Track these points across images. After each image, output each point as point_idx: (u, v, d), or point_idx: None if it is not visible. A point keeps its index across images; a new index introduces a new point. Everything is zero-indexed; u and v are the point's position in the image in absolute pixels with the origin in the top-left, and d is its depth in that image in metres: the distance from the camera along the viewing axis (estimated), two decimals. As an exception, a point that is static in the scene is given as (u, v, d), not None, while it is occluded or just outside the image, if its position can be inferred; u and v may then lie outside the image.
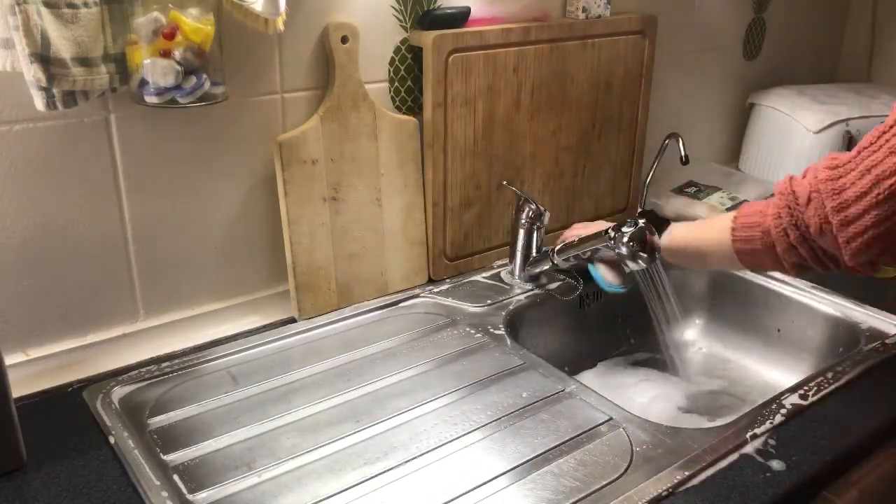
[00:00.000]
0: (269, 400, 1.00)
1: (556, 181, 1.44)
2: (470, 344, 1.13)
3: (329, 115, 1.15)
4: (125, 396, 1.00)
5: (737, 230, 1.02)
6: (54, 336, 1.06)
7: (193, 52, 0.93)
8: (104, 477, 0.86)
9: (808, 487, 0.89)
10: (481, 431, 0.94)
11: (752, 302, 1.38)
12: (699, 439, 0.93)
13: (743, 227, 1.02)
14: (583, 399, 1.00)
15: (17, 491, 0.84)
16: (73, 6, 0.86)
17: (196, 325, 1.16)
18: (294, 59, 1.14)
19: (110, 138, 1.03)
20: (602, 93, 1.44)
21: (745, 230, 1.02)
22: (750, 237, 1.01)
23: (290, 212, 1.14)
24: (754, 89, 1.84)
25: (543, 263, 1.30)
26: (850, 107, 1.64)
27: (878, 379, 1.08)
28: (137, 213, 1.07)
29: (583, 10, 1.38)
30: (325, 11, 1.14)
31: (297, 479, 0.86)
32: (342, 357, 1.10)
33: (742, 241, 1.02)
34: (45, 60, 0.84)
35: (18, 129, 0.96)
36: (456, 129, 1.26)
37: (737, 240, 1.02)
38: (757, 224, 1.00)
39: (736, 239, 1.02)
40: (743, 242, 1.02)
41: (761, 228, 1.00)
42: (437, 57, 1.20)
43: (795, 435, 0.95)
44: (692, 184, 1.68)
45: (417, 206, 1.27)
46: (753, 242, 1.01)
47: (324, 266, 1.19)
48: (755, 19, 1.83)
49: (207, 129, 1.10)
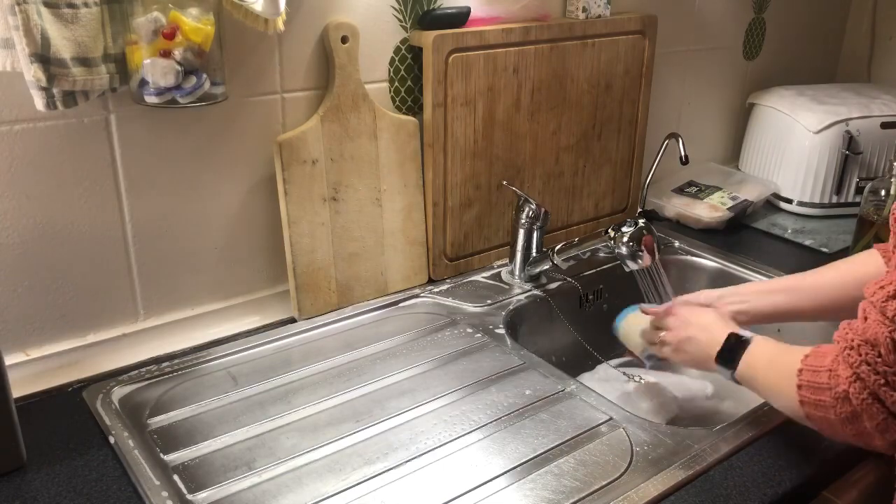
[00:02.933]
0: (269, 400, 1.00)
1: (556, 181, 1.44)
2: (470, 344, 1.13)
3: (329, 115, 1.15)
4: (125, 396, 1.00)
5: (802, 374, 0.80)
6: (54, 336, 1.06)
7: (193, 52, 0.93)
8: (104, 477, 0.86)
9: (808, 487, 0.89)
10: (481, 431, 0.94)
11: (752, 302, 1.38)
12: (699, 439, 0.93)
13: (812, 372, 0.79)
14: (583, 399, 1.00)
15: (17, 491, 0.84)
16: (73, 6, 0.86)
17: (196, 325, 1.16)
18: (294, 59, 1.14)
19: (110, 138, 1.03)
20: (602, 93, 1.45)
21: (812, 376, 0.79)
22: (820, 402, 0.78)
23: (290, 212, 1.14)
24: (754, 89, 1.84)
25: (543, 263, 1.30)
26: (850, 107, 1.64)
27: (878, 379, 1.07)
28: (137, 213, 1.07)
29: (583, 9, 1.38)
30: (325, 11, 1.14)
31: (297, 479, 0.86)
32: (342, 357, 1.10)
33: (813, 406, 0.79)
34: (45, 60, 0.84)
35: (18, 129, 0.96)
36: (456, 129, 1.26)
37: (805, 402, 0.80)
38: (826, 386, 0.77)
39: (804, 402, 0.80)
40: (814, 408, 0.79)
41: (833, 393, 0.76)
42: (437, 57, 1.20)
43: (795, 435, 0.94)
44: (692, 184, 1.68)
45: (417, 206, 1.27)
46: (821, 394, 0.77)
47: (324, 266, 1.19)
48: (755, 19, 1.83)
49: (207, 129, 1.10)
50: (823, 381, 0.77)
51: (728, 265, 1.41)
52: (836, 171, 1.63)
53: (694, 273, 1.42)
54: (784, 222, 1.65)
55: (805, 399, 0.79)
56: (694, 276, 1.43)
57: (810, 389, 0.78)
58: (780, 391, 0.84)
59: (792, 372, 0.81)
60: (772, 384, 0.87)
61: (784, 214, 1.70)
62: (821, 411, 0.78)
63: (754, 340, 0.92)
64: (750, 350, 0.91)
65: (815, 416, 0.79)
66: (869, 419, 0.73)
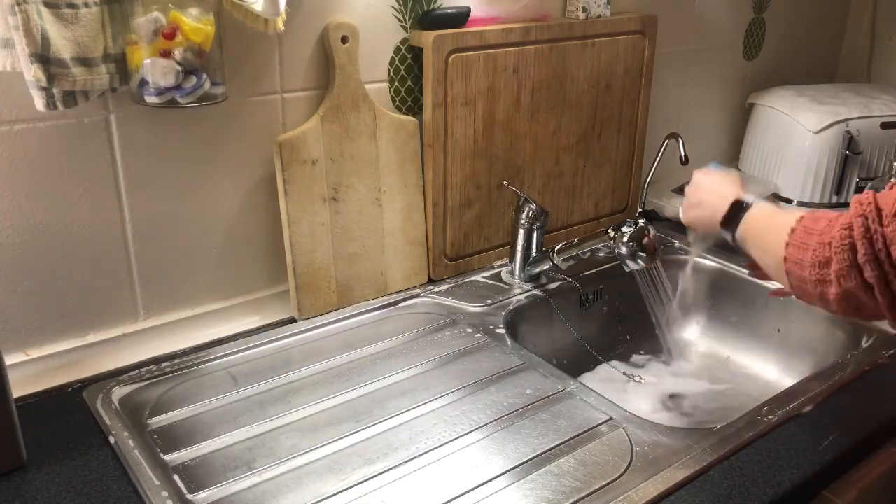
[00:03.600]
0: (269, 400, 1.00)
1: (556, 181, 1.44)
2: (470, 344, 1.13)
3: (329, 115, 1.15)
4: (125, 396, 1.00)
5: (795, 233, 0.83)
6: (54, 336, 1.06)
7: (193, 52, 0.93)
8: (104, 477, 0.86)
9: (808, 487, 0.89)
10: (481, 431, 0.94)
11: (752, 302, 1.38)
12: (699, 439, 0.93)
13: (803, 231, 0.82)
14: (583, 399, 1.00)
15: (17, 491, 0.84)
16: (73, 6, 0.86)
17: (196, 325, 1.16)
18: (294, 59, 1.14)
19: (110, 138, 1.03)
20: (602, 93, 1.44)
21: (803, 236, 0.82)
22: (804, 245, 0.81)
23: (290, 212, 1.14)
24: (754, 89, 1.84)
25: (543, 263, 1.30)
26: (850, 107, 1.64)
27: (878, 379, 1.08)
28: (137, 213, 1.07)
29: (583, 9, 1.38)
30: (325, 11, 1.14)
31: (297, 479, 0.86)
32: (342, 357, 1.10)
33: (795, 248, 0.82)
34: (45, 60, 0.84)
35: (18, 129, 0.96)
36: (456, 129, 1.26)
37: (790, 245, 0.83)
38: (817, 231, 0.80)
39: (789, 244, 0.83)
40: (796, 249, 0.82)
41: (819, 238, 0.79)
42: (437, 57, 1.20)
43: (795, 435, 0.95)
44: (692, 184, 1.67)
45: (417, 206, 1.27)
46: (804, 252, 0.81)
47: (324, 266, 1.19)
48: (755, 19, 1.83)
49: (207, 129, 1.10)
50: (818, 228, 0.80)
51: (728, 265, 1.41)
52: (836, 171, 1.63)
53: (694, 273, 1.42)
54: (784, 222, 1.65)
55: (790, 256, 0.82)
56: (693, 276, 1.43)
57: (796, 248, 0.82)
58: (769, 247, 0.88)
59: (784, 229, 0.84)
60: (762, 241, 0.91)
61: (784, 214, 1.69)
62: (798, 268, 0.81)
63: (755, 205, 0.96)
64: (749, 213, 0.96)
65: (793, 271, 0.82)
66: (836, 263, 0.77)
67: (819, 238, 0.80)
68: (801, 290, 0.83)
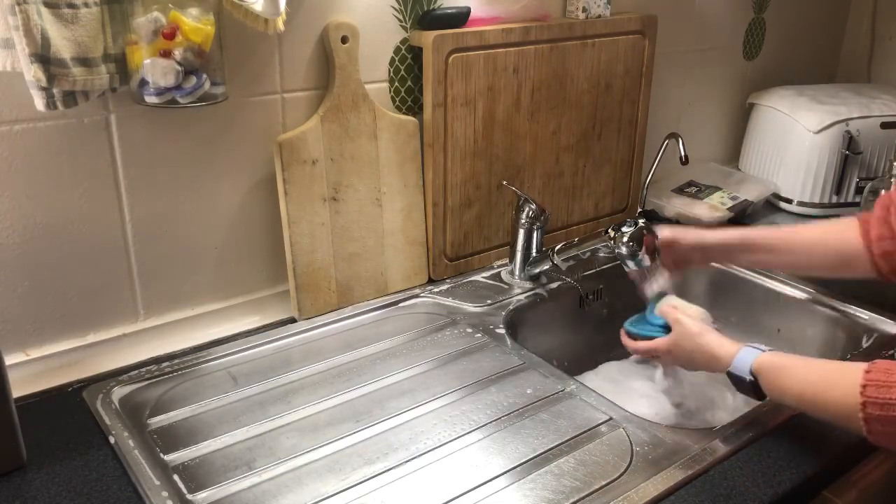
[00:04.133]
0: (269, 400, 1.00)
1: (556, 181, 1.44)
2: (470, 344, 1.13)
3: (329, 115, 1.15)
4: (125, 396, 1.00)
5: (868, 388, 0.76)
6: (54, 336, 1.06)
7: (193, 52, 0.93)
8: (104, 477, 0.86)
9: (808, 487, 0.89)
10: (481, 431, 0.94)
11: (752, 302, 1.38)
12: (699, 439, 0.93)
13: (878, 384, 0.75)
14: (583, 399, 1.00)
15: (17, 491, 0.84)
16: (73, 6, 0.86)
17: (196, 325, 1.16)
18: (294, 59, 1.14)
19: (110, 138, 1.03)
20: (602, 93, 1.44)
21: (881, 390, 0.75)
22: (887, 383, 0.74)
23: (290, 212, 1.14)
24: (754, 89, 1.84)
25: (543, 263, 1.30)
26: (850, 107, 1.64)
27: (878, 379, 1.07)
28: (137, 213, 1.07)
29: (583, 9, 1.38)
30: (325, 11, 1.14)
31: (297, 479, 0.86)
32: (342, 357, 1.10)
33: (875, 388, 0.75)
34: (45, 60, 0.84)
35: (18, 129, 0.96)
36: (456, 129, 1.26)
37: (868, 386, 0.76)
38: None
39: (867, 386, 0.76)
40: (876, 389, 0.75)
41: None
42: (437, 57, 1.20)
43: (795, 435, 0.94)
44: (692, 184, 1.68)
45: (417, 206, 1.27)
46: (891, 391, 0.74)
47: (324, 266, 1.19)
48: (755, 19, 1.83)
49: (207, 129, 1.10)
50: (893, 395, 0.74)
51: (728, 265, 1.41)
52: (835, 171, 1.63)
53: (693, 273, 1.42)
54: (784, 222, 1.65)
55: (869, 399, 0.76)
56: (693, 276, 1.43)
57: (876, 387, 0.75)
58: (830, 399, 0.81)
59: (849, 376, 0.78)
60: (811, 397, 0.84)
61: (784, 214, 1.70)
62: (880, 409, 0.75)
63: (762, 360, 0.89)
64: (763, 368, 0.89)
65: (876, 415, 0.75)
66: None
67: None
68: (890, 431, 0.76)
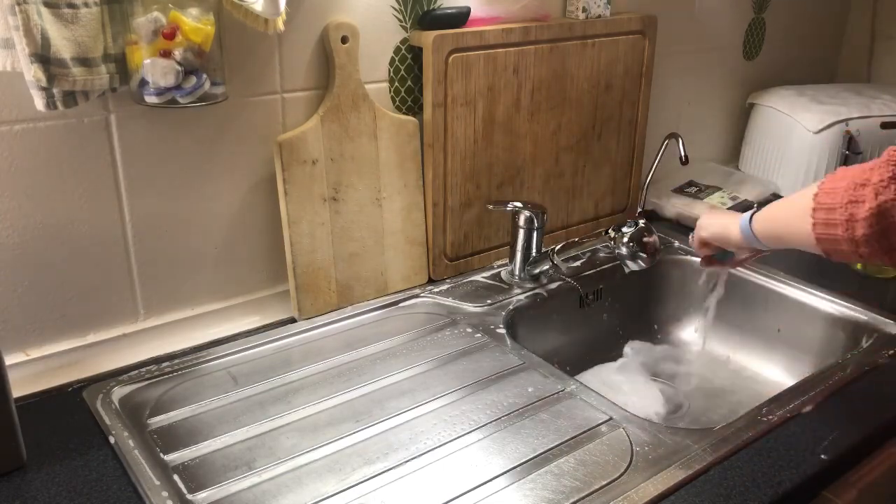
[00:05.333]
0: (269, 400, 1.00)
1: (556, 181, 1.44)
2: (470, 344, 1.13)
3: (329, 115, 1.15)
4: (125, 396, 1.00)
5: (824, 184, 0.85)
6: (54, 336, 1.06)
7: (193, 52, 0.93)
8: (104, 477, 0.86)
9: (808, 487, 0.89)
10: (481, 431, 0.94)
11: (752, 302, 1.38)
12: (699, 439, 0.93)
13: (832, 179, 0.85)
14: (583, 399, 1.00)
15: (17, 491, 0.84)
16: (73, 6, 0.86)
17: (196, 325, 1.16)
18: (294, 59, 1.14)
19: (110, 138, 1.03)
20: (602, 93, 1.44)
21: (831, 182, 0.84)
22: (832, 189, 0.83)
23: (290, 212, 1.14)
24: (754, 89, 1.84)
25: (543, 263, 1.30)
26: (850, 107, 1.64)
27: (878, 379, 1.08)
28: (137, 213, 1.07)
29: (583, 10, 1.38)
30: (325, 11, 1.14)
31: (297, 479, 0.86)
32: (342, 357, 1.10)
33: (825, 195, 0.84)
34: (45, 60, 0.84)
35: (18, 129, 0.96)
36: (456, 129, 1.26)
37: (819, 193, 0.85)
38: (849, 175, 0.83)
39: (818, 194, 0.85)
40: (825, 195, 0.84)
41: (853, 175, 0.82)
42: (437, 57, 1.20)
43: (795, 435, 0.95)
44: (692, 184, 1.68)
45: (417, 206, 1.27)
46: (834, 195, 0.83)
47: (324, 266, 1.19)
48: (755, 19, 1.83)
49: (207, 129, 1.10)
50: (845, 180, 0.82)
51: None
52: (836, 171, 1.63)
53: (694, 273, 1.42)
54: (784, 222, 1.65)
55: (819, 204, 0.84)
56: (694, 276, 1.43)
57: (826, 194, 0.83)
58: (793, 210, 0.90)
59: (808, 191, 0.86)
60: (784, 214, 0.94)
61: (784, 214, 1.69)
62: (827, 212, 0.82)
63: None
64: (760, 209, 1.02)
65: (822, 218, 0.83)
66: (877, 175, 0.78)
67: (853, 175, 0.82)
68: (829, 234, 0.84)
